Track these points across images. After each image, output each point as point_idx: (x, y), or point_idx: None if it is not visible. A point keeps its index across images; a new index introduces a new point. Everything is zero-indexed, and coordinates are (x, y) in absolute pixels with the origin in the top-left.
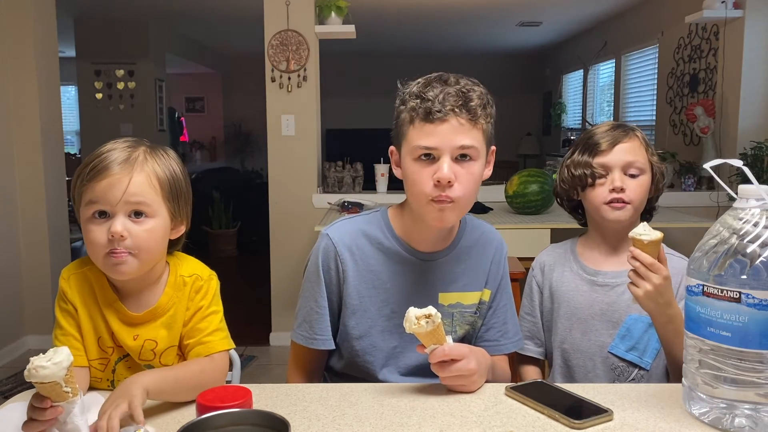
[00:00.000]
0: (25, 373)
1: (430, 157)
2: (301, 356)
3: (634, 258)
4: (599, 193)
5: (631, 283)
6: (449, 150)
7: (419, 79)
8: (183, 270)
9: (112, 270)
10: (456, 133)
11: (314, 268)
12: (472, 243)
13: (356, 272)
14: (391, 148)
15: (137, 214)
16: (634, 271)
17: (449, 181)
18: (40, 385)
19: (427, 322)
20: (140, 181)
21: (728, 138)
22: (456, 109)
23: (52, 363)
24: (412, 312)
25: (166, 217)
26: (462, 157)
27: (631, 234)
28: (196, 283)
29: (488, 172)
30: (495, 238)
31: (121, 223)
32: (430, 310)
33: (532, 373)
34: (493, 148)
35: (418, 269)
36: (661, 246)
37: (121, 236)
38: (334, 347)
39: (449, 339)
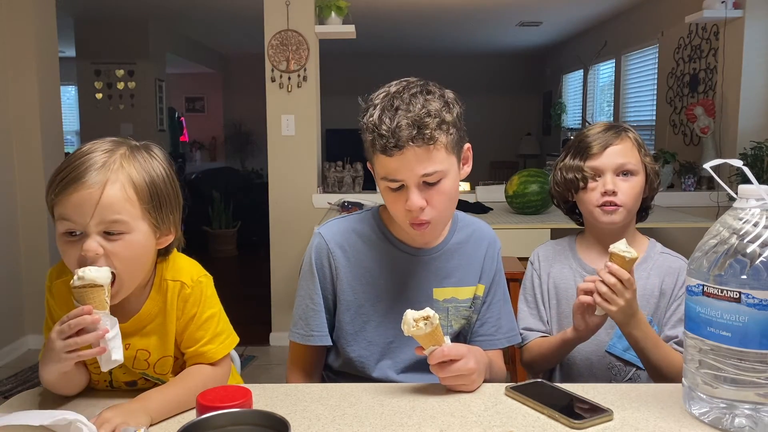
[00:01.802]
0: (75, 277)
1: (398, 186)
2: (300, 355)
3: (612, 273)
4: (591, 197)
5: (604, 299)
6: (413, 180)
7: (381, 95)
8: (167, 273)
9: None
10: (417, 162)
11: (308, 267)
12: (464, 239)
13: (349, 269)
14: (368, 162)
15: (109, 233)
16: (608, 288)
17: (421, 207)
18: (86, 290)
19: (426, 324)
20: (113, 194)
21: (728, 138)
22: (411, 141)
23: (103, 268)
24: (410, 315)
25: (146, 231)
26: (428, 183)
27: (612, 248)
28: (182, 291)
29: (467, 169)
30: (488, 234)
31: (95, 241)
32: (428, 312)
33: (535, 341)
34: (468, 145)
35: (412, 265)
36: (632, 268)
37: (96, 254)
38: (330, 343)
39: (447, 339)
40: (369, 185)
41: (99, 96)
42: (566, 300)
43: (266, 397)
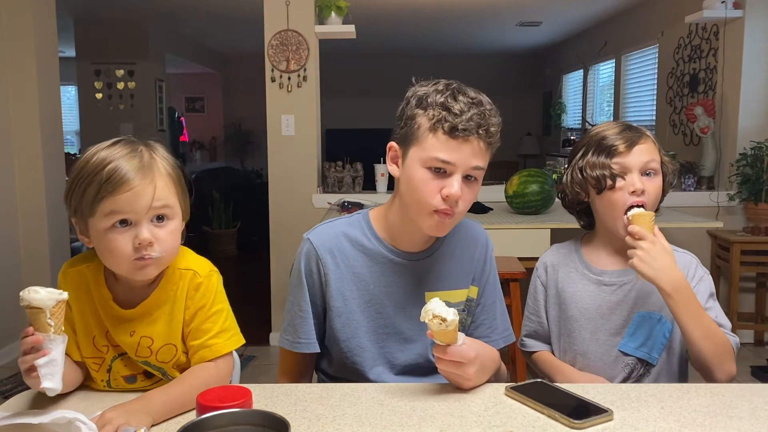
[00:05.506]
0: (20, 294)
1: (441, 170)
2: (288, 361)
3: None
4: (620, 198)
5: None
6: (463, 169)
7: (438, 85)
8: (180, 263)
9: (137, 273)
10: (474, 154)
11: (297, 273)
12: (456, 241)
13: (338, 275)
14: (392, 143)
15: (159, 218)
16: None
17: (458, 197)
18: (28, 310)
19: (440, 324)
20: (162, 185)
21: (728, 138)
22: (480, 131)
23: (46, 291)
24: (434, 306)
25: (179, 215)
26: (469, 176)
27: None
28: (194, 279)
29: None
30: (480, 235)
31: (147, 230)
32: (449, 315)
33: (545, 355)
34: None
35: (403, 269)
36: (653, 224)
37: (150, 243)
38: (318, 350)
39: (461, 338)
40: (369, 185)
41: (99, 96)
42: (574, 304)
43: (266, 397)
